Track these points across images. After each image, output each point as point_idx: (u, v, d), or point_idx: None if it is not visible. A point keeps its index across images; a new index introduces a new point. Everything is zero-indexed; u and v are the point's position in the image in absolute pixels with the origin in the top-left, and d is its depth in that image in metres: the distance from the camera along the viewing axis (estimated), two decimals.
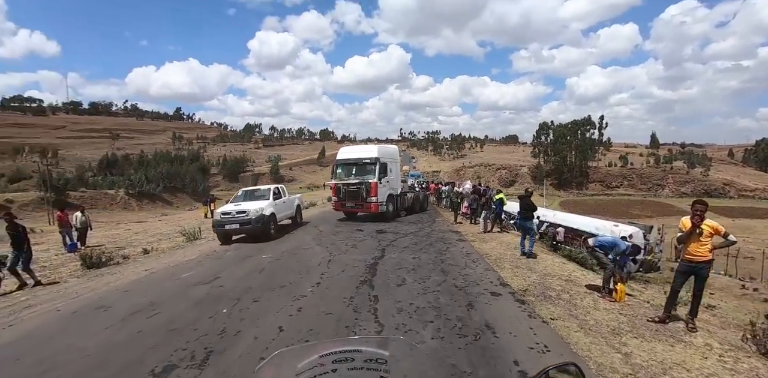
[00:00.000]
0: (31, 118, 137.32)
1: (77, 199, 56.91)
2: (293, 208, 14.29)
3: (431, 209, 20.30)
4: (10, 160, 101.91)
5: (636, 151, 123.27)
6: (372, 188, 14.48)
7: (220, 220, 11.07)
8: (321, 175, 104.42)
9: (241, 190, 13.67)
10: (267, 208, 11.31)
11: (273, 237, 11.16)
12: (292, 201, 14.33)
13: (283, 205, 13.08)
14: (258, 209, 10.93)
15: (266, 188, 13.30)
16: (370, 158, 14.83)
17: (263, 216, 10.93)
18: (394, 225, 13.90)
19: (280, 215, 12.55)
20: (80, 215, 14.16)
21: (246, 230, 10.95)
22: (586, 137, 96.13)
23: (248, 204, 11.49)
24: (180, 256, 9.96)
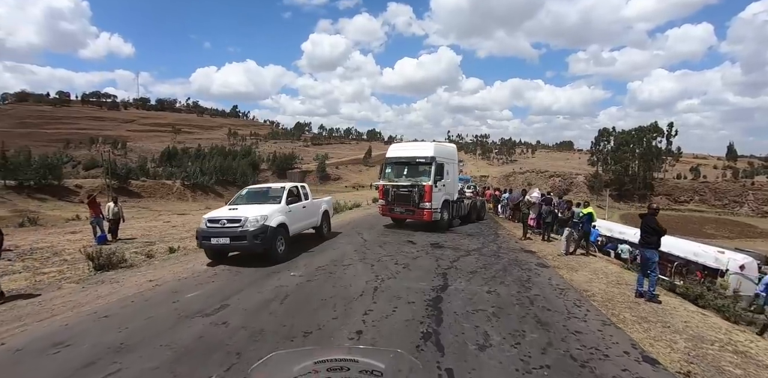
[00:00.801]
0: (106, 112, 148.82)
1: (138, 188, 59.62)
2: (317, 215, 10.60)
3: (488, 219, 17.75)
4: (87, 149, 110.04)
5: (708, 162, 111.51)
6: (426, 192, 12.30)
7: (206, 229, 7.69)
8: (366, 175, 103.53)
9: (246, 189, 10.02)
10: (274, 215, 7.91)
11: (280, 258, 7.90)
12: (316, 206, 10.61)
13: (302, 211, 9.52)
14: (259, 217, 7.57)
15: (279, 187, 9.51)
16: (426, 157, 12.66)
17: (266, 228, 7.52)
18: (451, 237, 11.62)
19: (296, 226, 9.03)
20: (113, 206, 13.15)
21: (240, 247, 7.57)
22: (652, 145, 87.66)
23: (248, 209, 8.11)
24: (199, 262, 8.33)
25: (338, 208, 21.42)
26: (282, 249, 8.08)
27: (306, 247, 9.63)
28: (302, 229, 9.67)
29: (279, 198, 8.79)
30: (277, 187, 9.58)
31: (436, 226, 12.83)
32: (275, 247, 7.84)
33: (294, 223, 8.79)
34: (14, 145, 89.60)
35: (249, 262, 7.64)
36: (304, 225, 9.77)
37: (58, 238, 13.49)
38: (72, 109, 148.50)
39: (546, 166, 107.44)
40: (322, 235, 10.87)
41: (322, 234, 10.90)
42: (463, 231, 13.23)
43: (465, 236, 11.97)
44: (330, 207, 12.09)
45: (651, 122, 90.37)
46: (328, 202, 11.99)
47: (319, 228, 10.80)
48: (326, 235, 11.05)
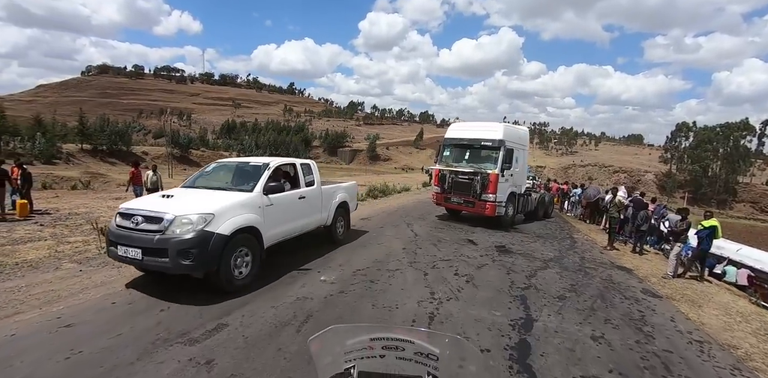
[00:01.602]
0: (174, 86, 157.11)
1: (197, 157, 62.15)
2: (328, 209, 6.98)
3: (555, 216, 15.34)
4: (156, 119, 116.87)
5: None
6: (490, 182, 10.28)
7: (115, 231, 4.55)
8: (416, 158, 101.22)
9: (213, 164, 6.39)
10: (228, 214, 4.54)
11: (238, 286, 4.57)
12: (325, 196, 6.88)
13: (297, 204, 5.97)
14: (196, 217, 4.28)
15: (261, 163, 5.82)
16: (493, 141, 10.55)
17: (205, 238, 4.20)
18: (518, 238, 9.59)
19: (282, 229, 5.58)
20: (151, 174, 12.41)
21: (158, 267, 4.24)
22: (740, 145, 76.96)
23: (190, 198, 4.89)
24: None
25: (386, 191, 19.85)
26: (245, 272, 4.65)
27: (346, 236, 8.13)
28: (295, 231, 5.97)
29: (254, 181, 5.27)
30: (257, 164, 5.79)
31: (498, 222, 10.83)
32: (227, 271, 4.38)
33: (278, 225, 5.36)
34: (95, 113, 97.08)
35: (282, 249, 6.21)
36: (300, 225, 6.07)
37: (101, 203, 13.09)
38: (146, 82, 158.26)
39: (610, 160, 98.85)
40: (335, 239, 7.24)
41: (334, 237, 7.25)
42: (530, 231, 11.10)
43: (535, 238, 9.88)
44: (351, 196, 8.05)
45: (740, 119, 79.15)
46: (349, 189, 7.99)
47: (331, 228, 7.13)
48: (341, 237, 7.45)
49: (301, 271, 5.51)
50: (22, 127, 44.62)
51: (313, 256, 6.32)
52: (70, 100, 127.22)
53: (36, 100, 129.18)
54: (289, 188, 5.95)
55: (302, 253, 6.44)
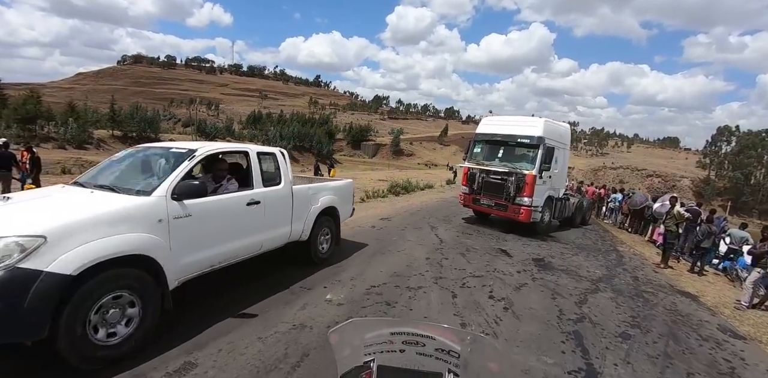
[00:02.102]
0: (204, 76, 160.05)
1: None
2: (305, 219, 4.98)
3: (593, 223, 13.98)
4: (186, 108, 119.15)
5: None
6: (527, 184, 9.13)
7: None
8: (440, 154, 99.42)
9: (132, 148, 4.32)
10: (73, 236, 2.51)
11: (93, 361, 2.61)
12: (302, 200, 4.94)
13: (242, 215, 3.97)
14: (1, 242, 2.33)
15: (184, 150, 3.73)
16: (531, 137, 9.37)
17: (13, 280, 2.25)
18: (557, 249, 8.42)
19: (205, 254, 3.52)
20: None
21: None
22: None
23: (37, 206, 2.97)
24: None
25: (409, 188, 18.87)
26: (122, 334, 2.77)
27: (364, 235, 7.21)
28: (237, 255, 3.95)
29: (157, 181, 3.33)
30: (179, 151, 3.77)
31: (532, 228, 9.68)
32: (75, 339, 2.50)
33: (199, 248, 3.45)
34: (129, 101, 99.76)
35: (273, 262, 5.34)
36: (248, 245, 4.07)
37: None
38: (177, 72, 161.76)
39: (643, 164, 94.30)
40: (315, 259, 5.27)
41: (314, 257, 5.25)
42: (568, 240, 9.89)
43: (575, 250, 8.68)
44: (344, 200, 6.00)
45: None
46: (340, 191, 5.88)
47: (309, 245, 5.13)
48: (324, 256, 5.47)
49: (305, 285, 4.61)
50: (57, 113, 45.79)
51: (323, 263, 5.42)
52: (106, 88, 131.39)
53: (74, 88, 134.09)
54: (235, 188, 3.96)
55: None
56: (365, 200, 14.06)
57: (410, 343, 1.07)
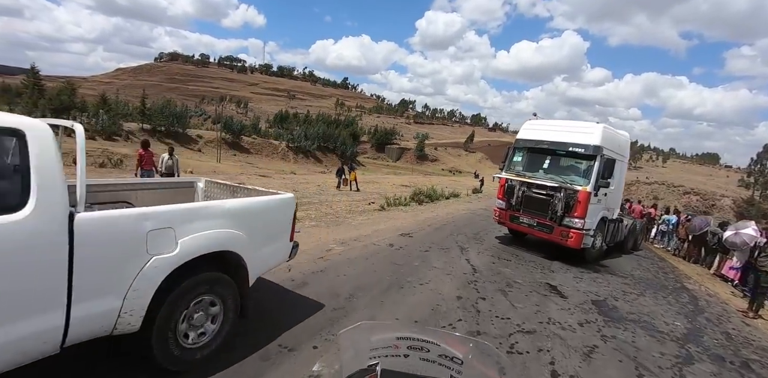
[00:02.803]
0: (235, 75, 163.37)
1: (248, 144, 62.90)
2: (111, 290, 2.17)
3: (643, 249, 12.15)
4: (216, 106, 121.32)
5: None
6: (579, 202, 7.58)
7: None
8: (465, 161, 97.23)
9: None
10: None
11: None
12: (107, 244, 2.14)
13: None
14: None
15: None
16: (586, 146, 7.79)
17: None
18: (617, 285, 6.80)
19: None
20: (167, 157, 10.87)
21: None
22: None
23: None
24: None
25: (433, 196, 17.42)
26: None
27: (379, 258, 5.84)
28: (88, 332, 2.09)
29: None
30: None
31: (583, 254, 8.08)
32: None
33: None
34: (162, 97, 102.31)
35: None
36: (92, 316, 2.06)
37: None
38: (210, 70, 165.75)
39: (680, 180, 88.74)
40: (161, 362, 2.49)
41: (159, 360, 2.48)
42: (624, 271, 8.23)
43: (638, 286, 7.04)
44: (270, 233, 3.41)
45: None
46: (261, 215, 3.32)
47: (145, 341, 2.41)
48: (196, 354, 2.67)
49: (285, 343, 3.27)
50: (90, 104, 46.75)
51: (317, 305, 4.10)
52: (143, 84, 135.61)
53: (113, 82, 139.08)
54: None
55: (298, 297, 4.24)
56: (385, 208, 12.74)
57: (415, 348, 1.09)
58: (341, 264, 5.59)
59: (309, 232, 7.77)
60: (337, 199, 14.87)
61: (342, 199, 15.04)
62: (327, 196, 15.50)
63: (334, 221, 9.43)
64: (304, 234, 7.50)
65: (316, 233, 7.68)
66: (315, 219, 9.66)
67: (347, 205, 13.30)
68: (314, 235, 7.49)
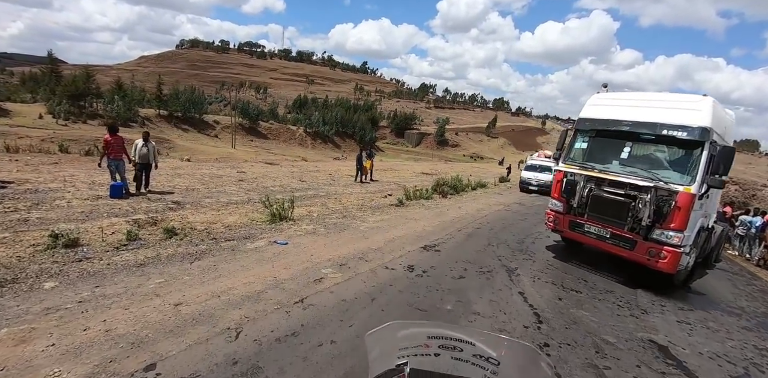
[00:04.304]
0: (255, 61, 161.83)
1: (265, 130, 61.37)
2: None
3: (722, 259, 9.69)
4: (236, 91, 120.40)
5: None
6: (680, 209, 5.26)
7: None
8: (487, 146, 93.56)
9: None
10: None
11: None
12: None
13: None
14: None
15: None
16: (689, 129, 5.38)
17: None
18: (738, 332, 4.51)
19: None
20: (140, 144, 9.03)
21: None
22: None
23: None
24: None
25: (458, 187, 15.18)
26: None
27: (391, 295, 3.77)
28: None
29: None
30: None
31: (673, 278, 5.81)
32: None
33: None
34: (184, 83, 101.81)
35: None
36: None
37: (94, 176, 10.12)
38: (230, 56, 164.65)
39: None
40: None
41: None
42: (728, 301, 5.90)
43: (756, 332, 4.77)
44: None
45: None
46: None
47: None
48: None
49: None
50: (105, 91, 45.89)
51: None
52: (165, 71, 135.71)
53: (137, 70, 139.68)
54: None
55: None
56: (404, 203, 10.64)
57: (447, 347, 1.01)
58: (330, 315, 3.54)
59: (300, 244, 5.75)
60: (349, 190, 12.84)
61: (354, 190, 13.00)
62: (338, 187, 13.49)
63: (338, 224, 7.41)
64: (292, 249, 5.49)
65: (309, 246, 5.67)
66: (316, 220, 7.66)
67: (359, 198, 11.26)
68: (306, 250, 5.48)
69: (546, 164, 17.98)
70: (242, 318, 3.33)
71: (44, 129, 30.58)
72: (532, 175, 17.85)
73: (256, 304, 3.61)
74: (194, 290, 3.85)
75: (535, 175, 17.78)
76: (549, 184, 16.60)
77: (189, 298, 3.67)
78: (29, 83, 63.72)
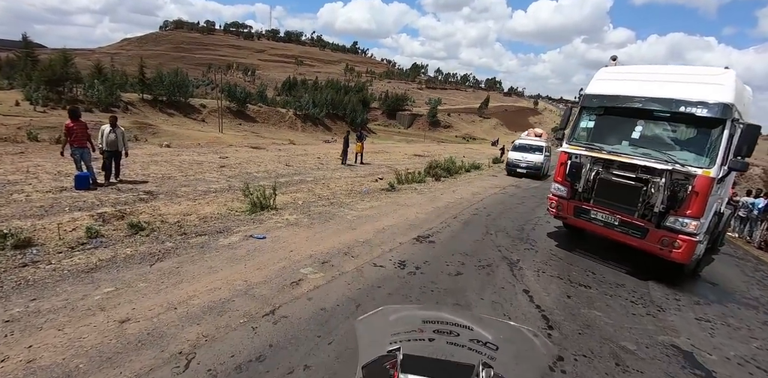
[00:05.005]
0: (242, 42, 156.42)
1: (254, 113, 59.68)
2: None
3: (726, 243, 9.34)
4: (223, 74, 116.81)
5: None
6: (697, 194, 4.74)
7: None
8: (479, 127, 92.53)
9: None
10: None
11: None
12: None
13: None
14: None
15: None
16: (710, 105, 4.77)
17: None
18: (761, 329, 4.15)
19: None
20: (107, 130, 8.24)
21: None
22: None
23: None
24: None
25: (452, 169, 14.63)
26: None
27: (379, 296, 3.26)
28: None
29: None
30: None
31: (683, 268, 5.36)
32: None
33: None
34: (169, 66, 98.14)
35: None
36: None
37: (61, 166, 9.34)
38: (216, 37, 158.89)
39: None
40: None
41: None
42: (742, 292, 5.48)
43: None
44: None
45: None
46: None
47: None
48: None
49: None
50: (85, 76, 43.85)
51: None
52: (150, 54, 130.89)
53: (120, 53, 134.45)
54: None
55: None
56: (395, 188, 10.07)
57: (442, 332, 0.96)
58: (305, 330, 2.98)
59: (279, 238, 5.16)
60: (338, 175, 12.20)
61: (344, 174, 12.37)
62: (326, 171, 12.84)
63: (324, 213, 6.82)
64: (269, 244, 4.91)
65: (289, 240, 5.08)
66: (300, 208, 7.06)
67: (349, 183, 10.65)
68: (285, 244, 4.90)
69: (537, 144, 16.59)
70: (199, 337, 2.76)
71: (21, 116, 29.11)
72: (520, 157, 16.18)
73: (219, 318, 3.04)
74: (148, 301, 3.27)
75: (523, 156, 16.15)
76: (539, 166, 15.68)
77: (139, 311, 3.09)
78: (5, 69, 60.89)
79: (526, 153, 16.25)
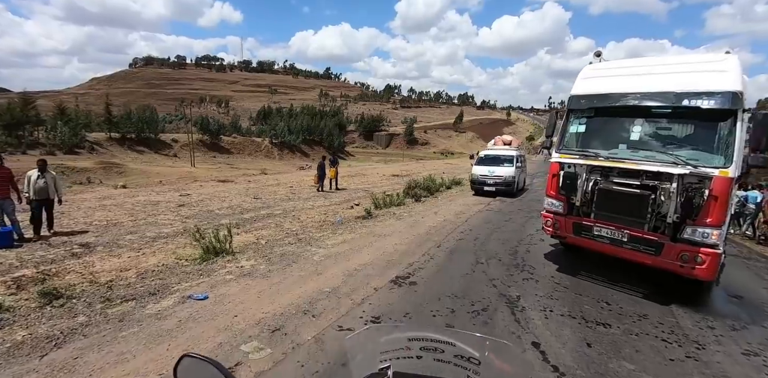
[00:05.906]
0: (214, 74, 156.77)
1: (228, 144, 58.47)
2: None
3: None
4: (197, 107, 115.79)
5: None
6: (716, 198, 3.99)
7: None
8: (456, 141, 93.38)
9: None
10: None
11: None
12: None
13: None
14: None
15: None
16: (716, 95, 4.13)
17: None
18: None
19: None
20: (35, 176, 7.11)
21: None
22: None
23: None
24: None
25: (432, 188, 13.85)
26: None
27: None
28: None
29: None
30: None
31: (699, 285, 4.56)
32: None
33: None
34: (141, 103, 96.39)
35: None
36: None
37: None
38: (187, 72, 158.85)
39: None
40: None
41: None
42: (759, 299, 4.71)
43: None
44: None
45: None
46: None
47: None
48: None
49: None
50: (47, 117, 42.20)
51: None
52: (120, 92, 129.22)
53: (89, 93, 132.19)
54: None
55: None
56: (372, 215, 9.14)
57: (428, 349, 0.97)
58: None
59: (224, 297, 4.13)
60: (310, 204, 11.23)
61: (317, 203, 11.40)
62: (298, 201, 11.84)
63: (287, 254, 5.81)
64: (210, 307, 3.87)
65: (236, 299, 4.05)
66: (261, 251, 6.05)
67: (322, 213, 9.69)
68: (230, 307, 3.86)
69: (506, 153, 13.67)
70: None
71: None
72: (486, 171, 13.02)
73: None
74: None
75: (490, 170, 12.97)
76: (510, 182, 12.79)
77: None
78: None
79: (494, 166, 13.15)
